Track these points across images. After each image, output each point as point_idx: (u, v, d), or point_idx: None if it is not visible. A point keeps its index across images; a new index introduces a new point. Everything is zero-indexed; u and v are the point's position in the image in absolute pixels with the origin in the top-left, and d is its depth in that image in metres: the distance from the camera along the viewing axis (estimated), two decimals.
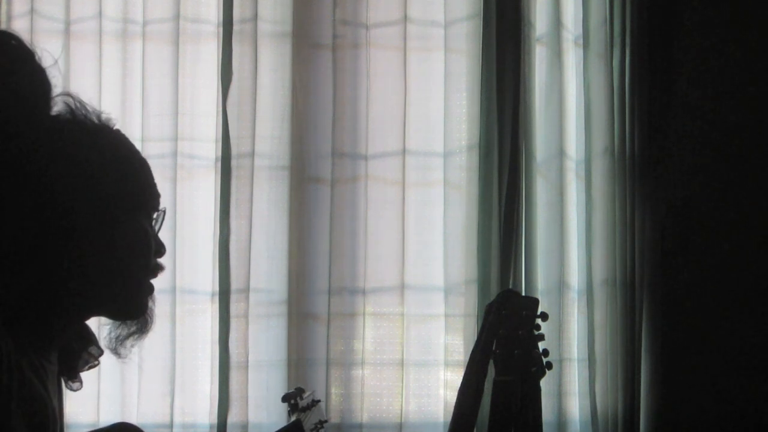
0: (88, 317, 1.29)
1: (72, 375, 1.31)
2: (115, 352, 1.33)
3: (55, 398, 1.24)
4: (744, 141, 2.80)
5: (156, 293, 1.31)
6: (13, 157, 1.16)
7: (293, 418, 1.74)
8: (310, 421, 1.75)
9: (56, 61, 1.22)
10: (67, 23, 2.66)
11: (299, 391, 1.81)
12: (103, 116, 1.27)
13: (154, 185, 1.30)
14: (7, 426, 1.11)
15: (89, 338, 1.32)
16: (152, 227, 1.30)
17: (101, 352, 1.33)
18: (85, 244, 1.20)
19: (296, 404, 1.78)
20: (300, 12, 2.71)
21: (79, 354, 1.31)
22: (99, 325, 1.33)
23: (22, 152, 1.16)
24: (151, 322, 1.32)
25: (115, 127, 1.28)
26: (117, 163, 1.25)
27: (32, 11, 2.64)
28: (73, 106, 1.24)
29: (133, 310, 1.29)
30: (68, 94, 1.24)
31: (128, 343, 1.32)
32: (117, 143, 1.27)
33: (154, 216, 1.30)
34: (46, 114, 1.21)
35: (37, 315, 1.20)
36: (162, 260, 1.31)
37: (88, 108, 1.26)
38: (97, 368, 1.37)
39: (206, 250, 2.65)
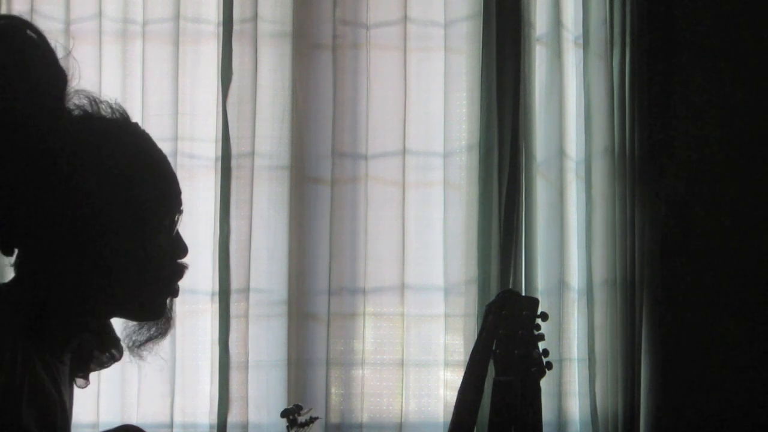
0: (107, 319, 1.29)
1: (83, 373, 1.31)
2: (136, 354, 1.33)
3: (66, 397, 1.25)
4: (744, 140, 2.80)
5: None
6: (36, 156, 1.15)
7: None
8: None
9: (69, 53, 1.21)
10: (67, 23, 2.65)
11: (298, 408, 1.83)
12: (120, 109, 1.25)
13: (177, 183, 1.28)
14: (18, 422, 1.11)
15: (110, 339, 1.31)
16: (176, 229, 1.29)
17: (121, 355, 1.33)
18: (111, 248, 1.19)
19: (294, 420, 1.79)
20: (300, 12, 2.71)
21: (93, 354, 1.31)
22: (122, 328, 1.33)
23: (45, 152, 1.15)
24: (171, 325, 1.32)
25: (133, 121, 1.27)
26: (143, 164, 1.23)
27: (32, 11, 2.64)
28: (90, 102, 1.23)
29: (153, 313, 1.28)
30: (82, 90, 1.23)
31: (149, 346, 1.32)
32: (140, 141, 1.25)
33: (177, 217, 1.29)
34: (66, 110, 1.20)
35: (57, 316, 1.19)
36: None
37: (104, 102, 1.24)
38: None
39: (206, 250, 2.65)
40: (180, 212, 1.29)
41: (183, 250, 1.28)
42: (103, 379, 2.58)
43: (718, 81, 2.80)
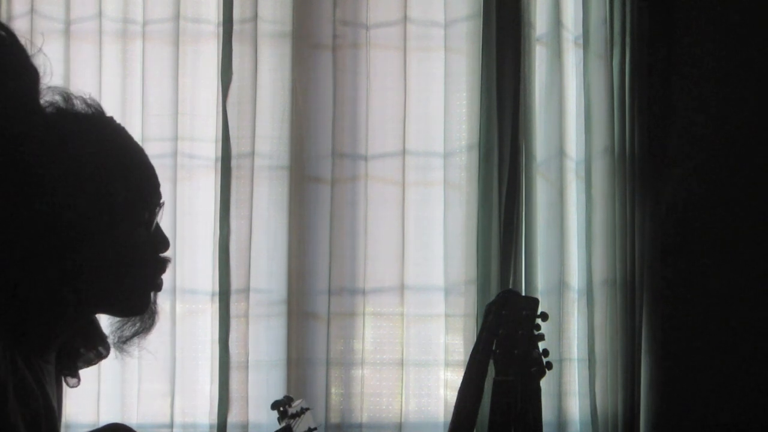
0: (90, 315, 1.29)
1: (71, 372, 1.31)
2: (122, 349, 1.32)
3: (53, 397, 1.24)
4: (744, 141, 2.80)
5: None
6: (9, 154, 1.14)
7: (283, 424, 1.76)
8: (299, 427, 1.77)
9: (40, 49, 1.20)
10: (67, 23, 2.66)
11: (288, 400, 1.83)
12: (94, 104, 1.24)
13: (154, 177, 1.27)
14: (6, 422, 1.10)
15: (96, 337, 1.31)
16: (155, 222, 1.28)
17: (108, 352, 1.33)
18: (88, 244, 1.19)
19: (285, 411, 1.79)
20: (300, 12, 2.71)
21: (79, 352, 1.30)
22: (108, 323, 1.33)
23: (18, 149, 1.14)
24: (156, 319, 1.31)
25: (108, 115, 1.26)
26: (118, 158, 1.22)
27: (32, 11, 2.64)
28: (63, 98, 1.22)
29: (135, 308, 1.28)
30: (54, 87, 1.22)
31: (134, 341, 1.32)
32: (114, 135, 1.24)
33: (156, 210, 1.28)
34: (39, 108, 1.19)
35: (37, 316, 1.19)
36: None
37: (78, 98, 1.23)
38: (97, 369, 1.37)
39: (206, 250, 2.65)
40: (160, 205, 1.28)
41: (164, 243, 1.27)
42: (103, 379, 2.57)
43: (718, 81, 2.80)
